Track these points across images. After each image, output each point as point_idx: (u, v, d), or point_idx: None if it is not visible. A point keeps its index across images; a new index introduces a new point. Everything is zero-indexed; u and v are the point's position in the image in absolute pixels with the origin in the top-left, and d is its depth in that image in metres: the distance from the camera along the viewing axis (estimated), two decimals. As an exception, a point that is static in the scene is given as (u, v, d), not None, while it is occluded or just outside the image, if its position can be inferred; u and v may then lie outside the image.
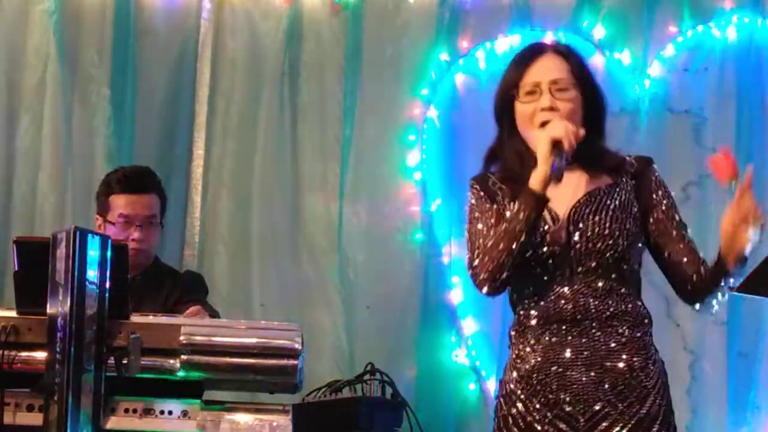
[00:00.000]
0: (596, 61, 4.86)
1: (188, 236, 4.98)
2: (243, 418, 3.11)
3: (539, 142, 2.85)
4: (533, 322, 2.91)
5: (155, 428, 3.08)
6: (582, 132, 2.87)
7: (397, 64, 4.95)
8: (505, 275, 2.86)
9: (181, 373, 3.08)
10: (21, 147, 5.00)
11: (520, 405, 2.89)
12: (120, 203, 3.93)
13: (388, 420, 4.28)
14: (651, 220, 2.97)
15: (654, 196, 2.98)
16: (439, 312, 4.85)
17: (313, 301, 4.92)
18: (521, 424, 2.88)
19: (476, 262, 2.89)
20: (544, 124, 2.89)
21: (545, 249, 2.88)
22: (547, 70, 2.94)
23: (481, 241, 2.91)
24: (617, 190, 2.93)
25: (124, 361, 3.04)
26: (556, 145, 2.83)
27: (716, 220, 4.66)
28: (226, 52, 5.04)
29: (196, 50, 5.05)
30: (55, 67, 4.96)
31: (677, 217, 3.01)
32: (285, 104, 4.98)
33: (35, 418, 3.03)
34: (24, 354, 3.08)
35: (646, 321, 2.93)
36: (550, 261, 2.88)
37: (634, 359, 2.86)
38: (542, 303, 2.90)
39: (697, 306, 3.01)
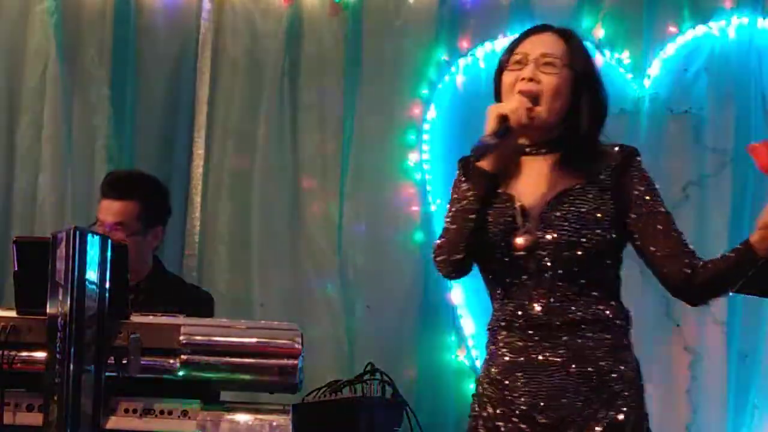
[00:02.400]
0: (596, 61, 4.86)
1: (188, 236, 4.98)
2: (243, 418, 3.11)
3: (488, 115, 2.77)
4: (503, 323, 2.83)
5: (155, 428, 3.08)
6: (539, 110, 2.77)
7: (397, 64, 4.95)
8: (459, 257, 2.79)
9: (181, 373, 3.08)
10: (21, 147, 5.00)
11: (489, 408, 2.82)
12: (100, 207, 3.92)
13: (388, 420, 4.27)
14: (632, 216, 2.80)
15: (635, 191, 2.81)
16: (439, 312, 4.85)
17: (313, 300, 4.92)
18: (489, 426, 2.82)
19: (438, 242, 2.84)
20: (521, 94, 2.79)
21: (513, 251, 2.79)
22: (540, 43, 2.86)
23: (446, 222, 2.85)
24: (590, 190, 2.80)
25: (124, 361, 3.04)
26: (503, 120, 2.74)
27: (716, 221, 4.74)
28: (226, 52, 5.05)
29: (196, 50, 5.05)
30: (55, 67, 4.96)
31: (663, 210, 2.82)
32: (285, 104, 4.98)
33: (35, 418, 3.03)
34: (24, 354, 3.08)
35: (618, 322, 2.82)
36: (519, 263, 2.79)
37: (601, 363, 2.76)
38: (511, 305, 2.81)
39: (699, 303, 2.85)
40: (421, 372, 4.80)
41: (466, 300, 4.80)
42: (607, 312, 2.80)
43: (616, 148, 2.84)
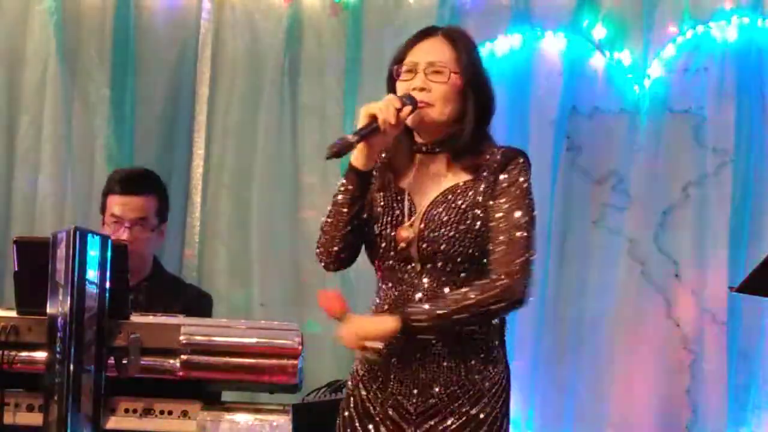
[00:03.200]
0: (596, 61, 4.87)
1: (188, 236, 4.98)
2: (243, 418, 3.11)
3: (360, 114, 2.88)
4: (386, 306, 2.92)
5: (155, 428, 3.08)
6: (406, 110, 2.86)
7: (397, 64, 4.94)
8: (335, 248, 2.94)
9: (181, 373, 3.08)
10: (21, 147, 5.00)
11: (362, 390, 2.92)
12: (113, 204, 3.91)
13: (388, 420, 4.26)
14: (492, 215, 2.87)
15: (499, 188, 2.88)
16: (439, 312, 4.84)
17: (313, 301, 4.90)
18: (360, 408, 2.91)
19: (319, 235, 2.97)
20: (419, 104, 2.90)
21: (396, 244, 2.90)
22: (427, 51, 2.94)
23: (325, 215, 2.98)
24: (472, 187, 2.89)
25: (124, 361, 3.04)
26: (373, 119, 2.85)
27: (716, 221, 4.74)
28: (226, 52, 5.04)
29: (196, 50, 5.05)
30: (55, 67, 4.96)
31: (515, 215, 2.85)
32: (285, 104, 4.98)
33: (35, 418, 3.04)
34: (24, 354, 3.09)
35: (494, 322, 2.89)
36: (403, 254, 2.90)
37: (473, 361, 2.85)
38: (395, 291, 2.91)
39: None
40: (421, 372, 4.79)
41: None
42: None
43: (503, 149, 2.93)
